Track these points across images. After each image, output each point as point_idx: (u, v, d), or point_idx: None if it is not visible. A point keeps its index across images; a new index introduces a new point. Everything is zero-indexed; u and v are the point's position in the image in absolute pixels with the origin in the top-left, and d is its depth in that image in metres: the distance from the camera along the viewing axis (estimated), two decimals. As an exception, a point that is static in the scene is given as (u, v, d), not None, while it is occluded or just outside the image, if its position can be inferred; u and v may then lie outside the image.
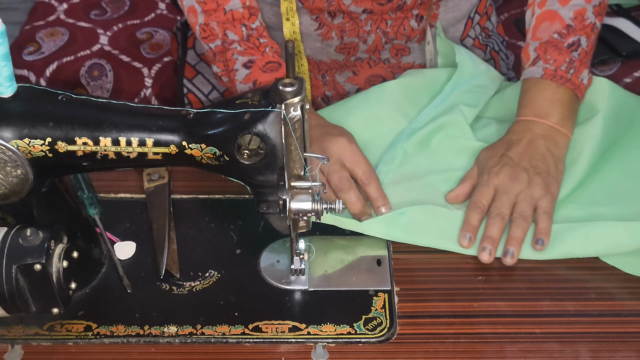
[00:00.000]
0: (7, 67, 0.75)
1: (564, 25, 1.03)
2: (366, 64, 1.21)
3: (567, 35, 1.03)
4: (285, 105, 0.75)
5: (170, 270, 0.91)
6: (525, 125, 1.01)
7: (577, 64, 1.02)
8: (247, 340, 0.85)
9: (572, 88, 1.02)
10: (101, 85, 1.45)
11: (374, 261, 0.94)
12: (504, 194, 0.95)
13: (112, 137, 0.78)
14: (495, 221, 0.93)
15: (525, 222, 0.93)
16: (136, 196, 1.02)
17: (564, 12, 1.04)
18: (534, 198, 0.95)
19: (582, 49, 1.03)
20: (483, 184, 0.97)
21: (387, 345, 0.84)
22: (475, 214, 0.95)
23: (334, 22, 1.13)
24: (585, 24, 1.03)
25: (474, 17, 1.24)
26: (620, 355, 0.83)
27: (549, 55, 1.02)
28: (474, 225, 0.94)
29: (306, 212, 0.81)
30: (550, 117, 1.00)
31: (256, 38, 1.07)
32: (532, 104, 1.02)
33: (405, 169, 1.04)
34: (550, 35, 1.03)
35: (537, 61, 1.03)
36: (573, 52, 1.02)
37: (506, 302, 0.89)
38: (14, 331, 0.85)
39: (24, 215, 0.83)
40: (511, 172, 0.96)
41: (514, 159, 0.97)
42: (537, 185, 0.95)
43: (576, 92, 1.02)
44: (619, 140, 1.05)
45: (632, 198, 0.99)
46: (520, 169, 0.96)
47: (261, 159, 0.79)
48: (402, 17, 1.14)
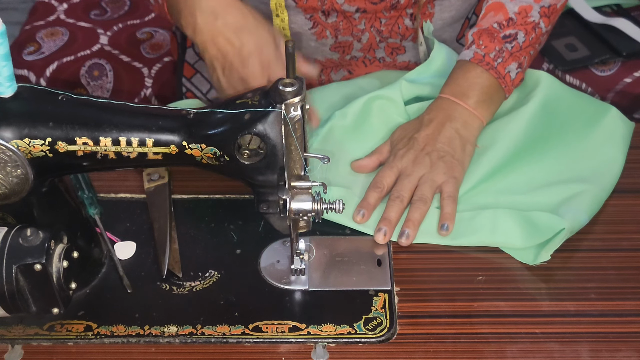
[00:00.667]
0: (7, 67, 0.75)
1: (505, 17, 1.05)
2: (361, 63, 1.21)
3: (506, 27, 1.05)
4: (286, 105, 0.75)
5: (172, 270, 0.91)
6: (441, 104, 1.03)
7: (506, 55, 1.04)
8: (247, 340, 0.85)
9: (496, 77, 1.03)
10: (101, 85, 1.45)
11: (374, 261, 0.94)
12: (405, 177, 0.97)
13: (112, 137, 0.78)
14: (394, 203, 0.96)
15: (424, 205, 0.96)
16: (136, 196, 1.02)
17: (510, 5, 1.06)
18: (435, 181, 0.97)
19: (517, 43, 1.04)
20: (387, 166, 0.99)
21: (387, 345, 0.84)
22: (374, 192, 0.97)
23: (328, 21, 1.13)
24: (528, 21, 1.05)
25: (472, 17, 1.24)
26: (621, 355, 0.83)
27: (482, 41, 1.04)
28: (370, 203, 0.97)
29: (306, 212, 0.81)
30: (466, 98, 1.03)
31: None
32: (454, 84, 1.04)
33: (331, 140, 1.06)
34: (491, 24, 1.06)
35: (471, 45, 1.05)
36: (507, 43, 1.04)
37: (506, 302, 0.89)
38: (14, 331, 0.85)
39: (24, 215, 0.83)
40: (414, 156, 0.99)
41: (420, 142, 1.00)
42: (439, 169, 0.97)
43: (499, 82, 1.04)
44: (550, 134, 1.06)
45: (551, 191, 1.00)
46: (423, 153, 0.99)
47: (261, 159, 0.79)
48: (397, 16, 1.14)
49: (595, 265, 0.93)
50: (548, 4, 1.06)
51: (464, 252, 0.94)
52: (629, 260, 0.94)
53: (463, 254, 0.94)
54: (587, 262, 0.94)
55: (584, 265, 0.93)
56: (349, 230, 0.97)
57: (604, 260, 0.94)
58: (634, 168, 1.03)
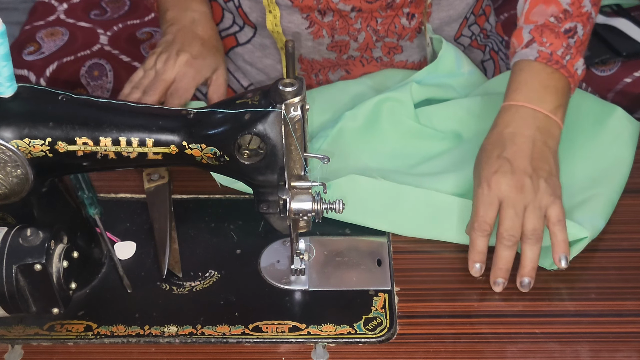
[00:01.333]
0: (7, 67, 0.75)
1: (560, 10, 0.98)
2: (359, 63, 1.21)
3: (564, 20, 0.97)
4: (286, 105, 0.75)
5: (172, 270, 0.91)
6: (516, 113, 0.94)
7: (574, 51, 0.97)
8: (247, 340, 0.85)
9: (567, 75, 0.96)
10: (101, 85, 1.45)
11: (374, 261, 0.94)
12: (510, 209, 0.88)
13: (112, 137, 0.78)
14: (508, 249, 0.89)
15: (537, 242, 0.89)
16: (136, 196, 1.02)
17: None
18: (542, 209, 0.89)
19: (578, 37, 0.97)
20: (485, 200, 0.90)
21: (387, 345, 0.84)
22: (482, 237, 0.90)
23: (324, 20, 1.13)
24: (582, 12, 0.98)
25: (469, 17, 1.24)
26: (621, 356, 0.83)
27: (545, 38, 0.96)
28: (482, 252, 0.90)
29: (306, 212, 0.81)
30: (544, 104, 0.94)
31: None
32: (525, 88, 0.95)
33: (341, 141, 1.05)
34: (546, 19, 0.98)
35: (532, 43, 0.97)
36: (569, 38, 0.97)
37: (506, 302, 0.89)
38: (14, 331, 0.85)
39: (24, 215, 0.83)
40: (514, 181, 0.89)
41: (513, 163, 0.90)
42: (543, 192, 0.89)
43: (569, 81, 0.96)
44: None
45: (564, 194, 0.94)
46: (522, 175, 0.89)
47: (261, 159, 0.79)
48: (393, 15, 1.14)
49: (596, 265, 0.93)
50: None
51: (464, 252, 0.94)
52: (629, 260, 0.94)
53: (463, 253, 0.94)
54: (587, 262, 0.94)
55: (584, 265, 0.93)
56: (349, 230, 0.97)
57: (604, 260, 0.94)
58: (634, 168, 1.03)
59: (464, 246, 0.94)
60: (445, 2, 1.16)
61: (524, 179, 0.89)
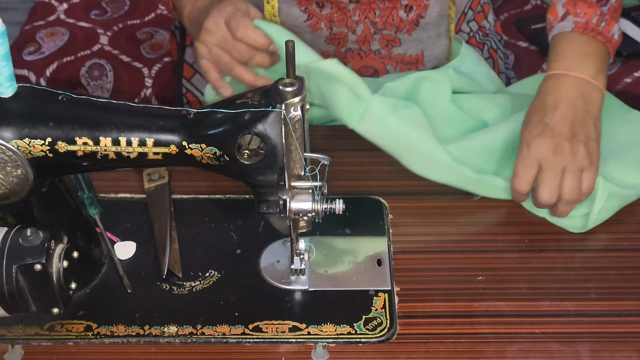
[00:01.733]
0: (7, 67, 0.75)
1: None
2: (357, 55, 1.21)
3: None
4: (286, 105, 0.75)
5: (172, 270, 0.91)
6: (558, 81, 0.98)
7: (608, 17, 1.00)
8: (247, 340, 0.85)
9: (604, 41, 1.00)
10: (101, 85, 1.45)
11: (374, 261, 0.94)
12: (549, 171, 0.93)
13: (112, 137, 0.78)
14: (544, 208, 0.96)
15: (572, 203, 0.94)
16: (136, 196, 1.02)
17: None
18: (579, 173, 0.93)
19: (610, 4, 1.02)
20: (524, 162, 0.94)
21: (387, 345, 0.84)
22: (520, 197, 0.97)
23: (323, 12, 1.14)
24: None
25: (467, 12, 1.24)
26: (621, 355, 0.83)
27: (579, 9, 1.01)
28: None
29: (306, 212, 0.81)
30: (584, 70, 0.97)
31: None
32: (564, 57, 0.99)
33: None
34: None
35: (567, 16, 1.01)
36: (602, 6, 1.01)
37: (506, 302, 0.89)
38: (14, 331, 0.85)
39: (24, 215, 0.83)
40: (553, 144, 0.93)
41: (554, 127, 0.94)
42: (581, 156, 0.93)
43: (607, 46, 1.01)
44: None
45: None
46: (562, 139, 0.93)
47: (261, 159, 0.79)
48: (391, 7, 1.14)
49: (596, 265, 0.93)
50: None
51: (464, 252, 0.94)
52: (629, 260, 0.94)
53: (463, 253, 0.94)
54: (587, 262, 0.94)
55: (584, 265, 0.93)
56: (349, 230, 0.97)
57: (604, 260, 0.94)
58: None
59: (464, 246, 0.94)
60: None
61: (562, 142, 0.93)
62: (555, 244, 0.97)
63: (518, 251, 0.95)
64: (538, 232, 0.98)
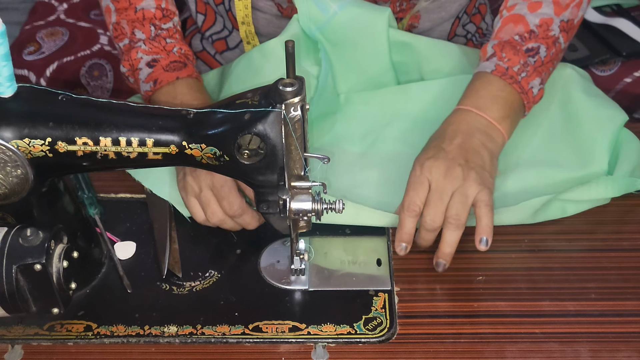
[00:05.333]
0: (7, 67, 0.75)
1: (527, 30, 1.01)
2: None
3: (528, 40, 1.01)
4: (286, 105, 0.75)
5: (172, 270, 0.92)
6: (462, 115, 0.98)
7: (530, 70, 0.99)
8: (247, 340, 0.85)
9: (519, 92, 0.99)
10: (101, 85, 1.45)
11: (374, 261, 0.94)
12: (437, 194, 0.91)
13: (112, 137, 0.78)
14: (428, 233, 0.92)
15: (458, 229, 0.91)
16: (136, 196, 1.02)
17: (530, 17, 1.02)
18: (468, 197, 0.91)
19: (539, 57, 1.00)
20: (416, 181, 0.93)
21: (387, 345, 0.84)
22: (410, 218, 0.92)
23: None
24: (549, 35, 1.01)
25: (462, 16, 1.24)
26: (621, 356, 0.83)
27: (505, 53, 1.00)
28: (409, 233, 0.93)
29: (306, 212, 0.81)
30: (489, 111, 0.97)
31: (163, 38, 1.05)
32: (475, 95, 0.99)
33: None
34: (512, 36, 1.02)
35: (492, 57, 1.01)
36: (530, 57, 1.00)
37: (506, 302, 0.89)
38: (14, 331, 0.85)
39: (24, 215, 0.83)
40: (445, 167, 0.92)
41: (449, 152, 0.94)
42: (472, 181, 0.92)
43: (522, 97, 0.99)
44: None
45: None
46: (454, 163, 0.92)
47: (261, 159, 0.79)
48: None
49: (596, 265, 0.93)
50: (567, 18, 1.02)
51: (464, 252, 0.94)
52: (629, 260, 0.94)
53: (463, 253, 0.94)
54: (587, 262, 0.94)
55: (584, 265, 0.93)
56: (349, 230, 0.97)
57: (604, 260, 0.94)
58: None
59: (464, 246, 0.94)
60: (433, 5, 1.16)
61: (454, 166, 0.92)
62: (555, 244, 0.97)
63: (518, 251, 0.95)
64: (538, 232, 0.98)
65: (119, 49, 1.07)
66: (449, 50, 1.15)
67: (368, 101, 1.13)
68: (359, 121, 1.11)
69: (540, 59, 1.00)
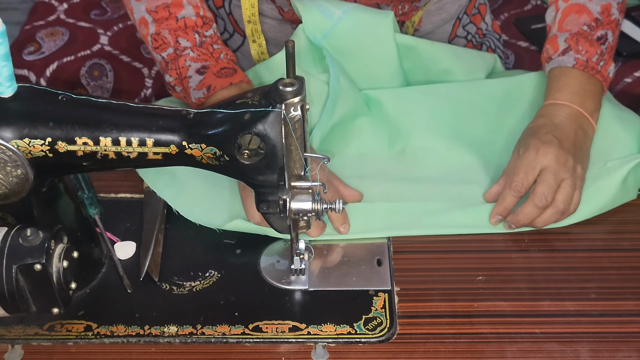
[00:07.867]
0: (7, 67, 0.75)
1: (592, 19, 1.04)
2: None
3: (596, 29, 1.04)
4: (286, 105, 0.75)
5: (150, 273, 0.91)
6: (562, 109, 1.00)
7: (607, 57, 1.03)
8: (247, 340, 0.85)
9: (601, 80, 1.03)
10: (101, 85, 1.45)
11: (374, 261, 0.94)
12: (552, 174, 0.94)
13: (112, 137, 0.78)
14: (535, 208, 0.94)
15: (560, 214, 0.95)
16: (136, 196, 1.02)
17: (591, 6, 1.05)
18: (573, 189, 0.95)
19: (608, 43, 1.04)
20: (529, 164, 0.95)
21: (387, 345, 0.84)
22: (513, 197, 0.95)
23: None
24: (611, 19, 1.05)
25: (462, 17, 1.24)
26: (621, 355, 0.83)
27: (581, 46, 1.03)
28: (508, 209, 0.96)
29: (306, 212, 0.81)
30: (584, 106, 1.01)
31: (210, 44, 1.04)
32: (567, 90, 1.01)
33: None
34: (580, 27, 1.04)
35: (568, 51, 1.03)
36: (602, 44, 1.03)
37: (506, 302, 0.89)
38: (14, 331, 0.85)
39: (24, 215, 0.83)
40: (560, 155, 0.95)
41: (561, 142, 0.96)
42: (578, 177, 0.95)
43: (603, 85, 1.03)
44: None
45: None
46: (567, 153, 0.95)
47: (261, 159, 0.79)
48: None
49: (596, 265, 0.93)
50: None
51: (464, 252, 0.94)
52: (629, 260, 0.94)
53: (463, 253, 0.94)
54: (587, 262, 0.94)
55: (584, 265, 0.93)
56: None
57: (604, 260, 0.94)
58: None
59: (464, 246, 0.95)
60: (434, 7, 1.15)
61: (568, 156, 0.95)
62: (555, 244, 0.97)
63: (518, 251, 0.96)
64: (538, 232, 0.97)
65: (161, 60, 1.05)
66: (453, 51, 1.15)
67: (395, 100, 1.12)
68: (387, 126, 1.11)
69: (609, 45, 1.04)
